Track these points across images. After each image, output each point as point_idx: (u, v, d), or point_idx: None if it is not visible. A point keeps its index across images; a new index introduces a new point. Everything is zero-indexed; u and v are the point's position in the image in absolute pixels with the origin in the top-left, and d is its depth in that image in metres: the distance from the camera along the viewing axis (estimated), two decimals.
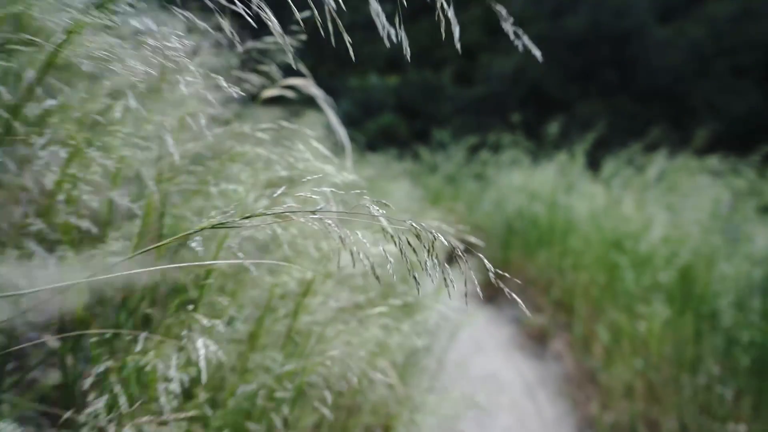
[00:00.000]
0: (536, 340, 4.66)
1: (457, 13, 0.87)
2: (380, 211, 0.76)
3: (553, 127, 5.75)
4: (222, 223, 0.71)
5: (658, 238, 3.59)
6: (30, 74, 0.91)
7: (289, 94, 1.47)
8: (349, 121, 15.90)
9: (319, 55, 16.16)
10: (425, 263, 0.79)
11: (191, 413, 1.09)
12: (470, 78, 16.05)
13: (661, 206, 3.93)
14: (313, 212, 0.71)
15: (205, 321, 1.09)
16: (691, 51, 13.79)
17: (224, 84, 0.78)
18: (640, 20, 14.28)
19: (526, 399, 3.80)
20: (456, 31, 0.84)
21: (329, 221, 0.71)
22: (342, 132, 1.46)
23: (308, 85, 1.41)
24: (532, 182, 5.86)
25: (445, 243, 0.79)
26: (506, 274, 0.79)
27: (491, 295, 6.12)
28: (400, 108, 16.01)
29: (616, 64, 13.99)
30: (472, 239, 1.67)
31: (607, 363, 3.48)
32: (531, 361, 4.43)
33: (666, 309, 3.09)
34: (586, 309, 4.07)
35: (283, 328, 1.45)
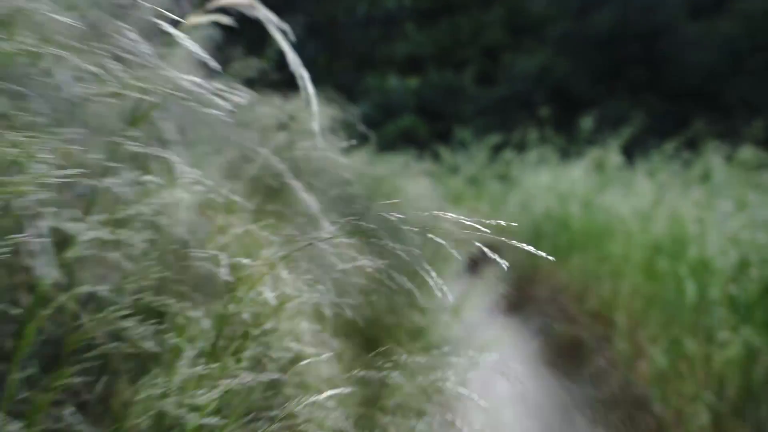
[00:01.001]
0: (569, 356, 4.12)
1: (478, 14, 0.44)
2: None
3: (587, 122, 5.21)
4: None
5: (719, 241, 3.05)
6: None
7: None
8: (367, 123, 15.46)
9: (335, 53, 15.78)
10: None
11: None
12: (492, 78, 15.51)
13: (717, 205, 3.38)
14: None
15: None
16: (724, 48, 13.11)
17: None
18: (670, 16, 13.63)
19: (564, 426, 3.27)
20: None
21: None
22: (297, 64, 0.99)
23: (253, 5, 0.93)
24: (562, 181, 5.33)
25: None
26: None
27: (516, 302, 5.60)
28: (421, 110, 15.52)
29: (645, 62, 13.35)
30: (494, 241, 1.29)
31: (662, 388, 2.94)
32: (565, 380, 3.89)
33: (739, 328, 2.55)
34: (627, 322, 3.52)
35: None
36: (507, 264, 0.81)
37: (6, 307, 0.82)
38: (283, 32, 0.96)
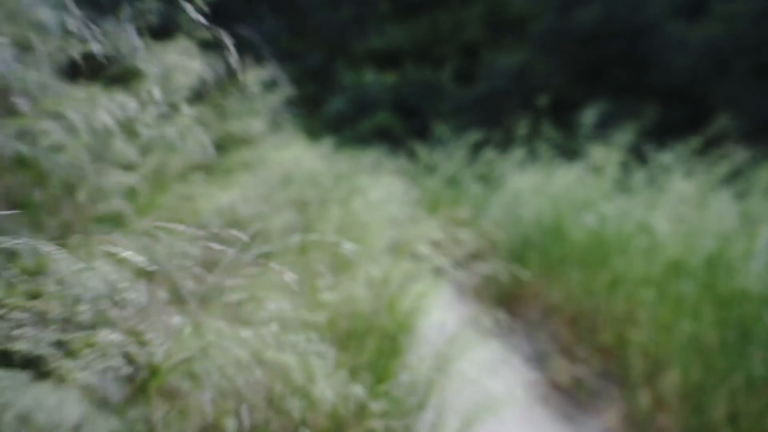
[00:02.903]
0: (571, 402, 3.40)
1: (458, 9, 0.09)
2: None
3: (587, 116, 4.46)
4: None
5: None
6: None
7: None
8: (341, 119, 14.67)
9: (300, 35, 14.87)
10: None
11: None
12: (471, 76, 14.81)
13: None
14: None
15: None
16: (709, 49, 12.61)
17: None
18: (653, 16, 13.07)
19: None
20: None
21: None
22: None
23: None
24: (554, 184, 4.60)
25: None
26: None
27: (498, 326, 4.85)
28: (397, 106, 14.78)
29: (629, 62, 12.77)
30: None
31: None
32: (564, 426, 3.16)
33: None
34: (644, 363, 2.79)
35: None
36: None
37: None
38: None
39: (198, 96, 2.37)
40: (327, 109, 14.55)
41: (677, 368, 2.59)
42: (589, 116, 4.45)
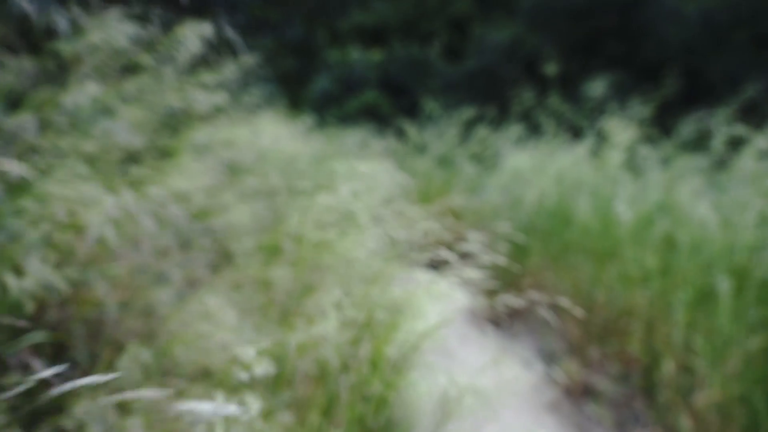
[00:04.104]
0: (581, 402, 2.98)
1: None
2: None
3: (596, 88, 3.98)
4: None
5: None
6: None
7: None
8: (327, 98, 14.07)
9: (289, 14, 14.18)
10: None
11: None
12: (461, 52, 14.27)
13: None
14: None
15: None
16: (705, 21, 12.16)
17: None
18: None
19: None
20: None
21: None
22: None
23: None
24: (559, 162, 4.15)
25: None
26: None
27: (499, 316, 4.44)
28: (385, 85, 14.23)
29: (622, 35, 12.29)
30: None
31: None
32: None
33: None
34: (676, 376, 2.37)
35: None
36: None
37: None
38: None
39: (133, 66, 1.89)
40: (312, 89, 13.98)
41: (716, 380, 2.17)
42: (596, 88, 3.97)
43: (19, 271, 1.15)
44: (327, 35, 14.12)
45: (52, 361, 1.06)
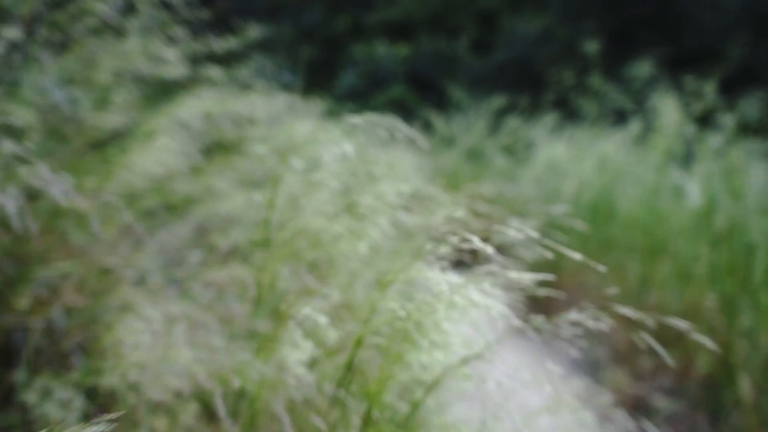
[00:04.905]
0: (634, 417, 2.62)
1: None
2: None
3: (642, 68, 3.59)
4: None
5: None
6: None
7: None
8: (354, 95, 13.78)
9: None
10: None
11: None
12: (489, 44, 13.85)
13: None
14: None
15: None
16: (745, 8, 11.56)
17: None
18: None
19: None
20: None
21: None
22: None
23: None
24: (600, 151, 3.77)
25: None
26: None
27: (532, 318, 4.08)
28: (411, 79, 13.90)
29: (659, 24, 11.75)
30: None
31: None
32: None
33: None
34: (750, 388, 2.00)
35: None
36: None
37: None
38: None
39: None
40: (338, 84, 13.72)
41: None
42: (643, 67, 3.58)
43: None
44: (348, 24, 13.79)
45: None
